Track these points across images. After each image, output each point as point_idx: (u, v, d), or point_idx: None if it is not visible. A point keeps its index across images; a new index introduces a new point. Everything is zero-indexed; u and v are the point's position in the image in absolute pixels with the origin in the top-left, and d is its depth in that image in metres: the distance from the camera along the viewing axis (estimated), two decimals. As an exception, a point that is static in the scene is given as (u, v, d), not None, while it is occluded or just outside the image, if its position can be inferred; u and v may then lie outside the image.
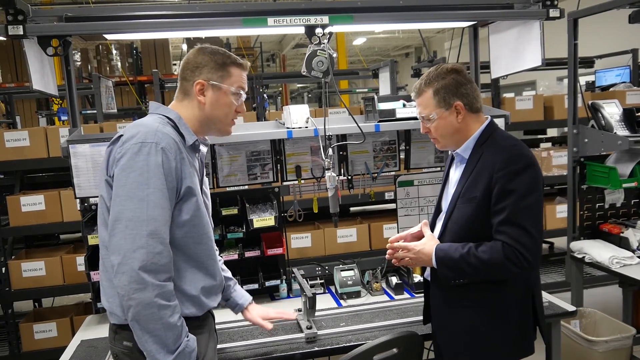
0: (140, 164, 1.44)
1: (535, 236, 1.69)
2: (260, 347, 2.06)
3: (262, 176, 2.76)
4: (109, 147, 1.53)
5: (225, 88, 1.63)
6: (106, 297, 1.56)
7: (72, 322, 3.60)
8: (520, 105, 4.33)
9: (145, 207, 1.43)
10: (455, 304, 1.84)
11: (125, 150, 1.46)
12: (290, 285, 2.67)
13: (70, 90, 2.49)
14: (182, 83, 1.64)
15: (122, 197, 1.44)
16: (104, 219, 1.53)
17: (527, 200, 1.68)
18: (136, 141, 1.46)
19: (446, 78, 1.79)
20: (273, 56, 15.55)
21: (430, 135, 1.88)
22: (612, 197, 3.19)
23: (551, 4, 2.51)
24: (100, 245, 1.58)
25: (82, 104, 6.61)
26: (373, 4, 2.41)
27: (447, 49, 4.89)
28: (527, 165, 1.71)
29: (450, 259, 1.75)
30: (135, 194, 1.43)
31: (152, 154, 1.45)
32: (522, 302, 1.82)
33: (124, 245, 1.41)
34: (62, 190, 3.58)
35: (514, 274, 1.70)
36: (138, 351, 1.47)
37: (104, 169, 1.53)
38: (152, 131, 1.48)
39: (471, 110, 1.81)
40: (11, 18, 2.10)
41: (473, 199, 1.75)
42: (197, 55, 1.62)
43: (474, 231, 1.75)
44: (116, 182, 1.46)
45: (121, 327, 1.52)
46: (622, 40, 6.08)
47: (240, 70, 1.67)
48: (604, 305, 3.43)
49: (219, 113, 1.64)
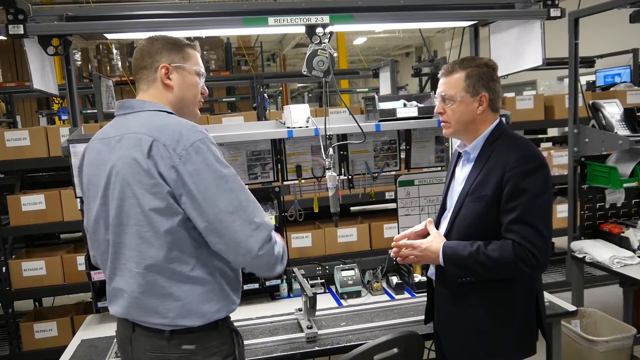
0: (207, 162, 1.44)
1: (547, 236, 1.70)
2: (261, 347, 2.06)
3: (263, 176, 2.76)
4: (148, 159, 1.43)
5: (188, 68, 1.62)
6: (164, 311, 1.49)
7: (73, 321, 3.60)
8: (521, 105, 4.32)
9: (236, 196, 1.46)
10: (461, 302, 1.83)
11: (182, 156, 1.42)
12: (291, 284, 2.67)
13: (71, 90, 2.49)
14: (143, 73, 1.60)
15: (214, 199, 1.43)
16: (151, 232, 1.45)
17: (539, 200, 1.69)
18: (188, 142, 1.43)
19: (481, 68, 1.80)
20: (273, 56, 15.53)
21: (443, 117, 1.87)
22: (612, 197, 3.19)
23: (552, 3, 2.51)
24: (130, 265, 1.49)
25: (83, 104, 6.62)
26: (374, 4, 2.41)
27: (448, 48, 4.90)
28: (539, 165, 1.71)
29: (459, 256, 1.74)
30: (222, 188, 1.44)
31: (209, 148, 1.46)
32: (526, 302, 1.82)
33: (241, 235, 1.45)
34: (62, 190, 3.57)
35: (523, 273, 1.70)
36: (202, 350, 1.51)
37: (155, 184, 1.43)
38: (189, 127, 1.46)
39: (492, 108, 1.82)
40: (12, 17, 2.10)
41: (483, 197, 1.74)
42: (152, 44, 1.60)
43: (482, 229, 1.75)
44: (196, 189, 1.42)
45: (178, 332, 1.50)
46: (623, 40, 6.07)
47: (195, 50, 1.66)
48: (604, 305, 3.42)
49: (188, 94, 1.63)
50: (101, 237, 1.57)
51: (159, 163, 1.43)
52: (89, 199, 1.59)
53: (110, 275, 1.56)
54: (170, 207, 1.44)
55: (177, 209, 1.45)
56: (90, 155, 1.60)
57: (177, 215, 1.45)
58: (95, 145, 1.59)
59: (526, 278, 1.79)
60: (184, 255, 1.47)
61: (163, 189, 1.43)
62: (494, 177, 1.73)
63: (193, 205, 1.43)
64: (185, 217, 1.46)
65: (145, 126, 1.48)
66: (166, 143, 1.43)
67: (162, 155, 1.42)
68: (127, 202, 1.47)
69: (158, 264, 1.46)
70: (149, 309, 1.50)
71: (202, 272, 1.50)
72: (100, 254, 1.59)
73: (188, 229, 1.47)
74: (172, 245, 1.46)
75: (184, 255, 1.47)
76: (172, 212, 1.44)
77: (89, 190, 1.58)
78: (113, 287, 1.56)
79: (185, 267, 1.48)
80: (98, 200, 1.54)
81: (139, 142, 1.46)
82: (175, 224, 1.45)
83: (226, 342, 1.59)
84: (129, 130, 1.50)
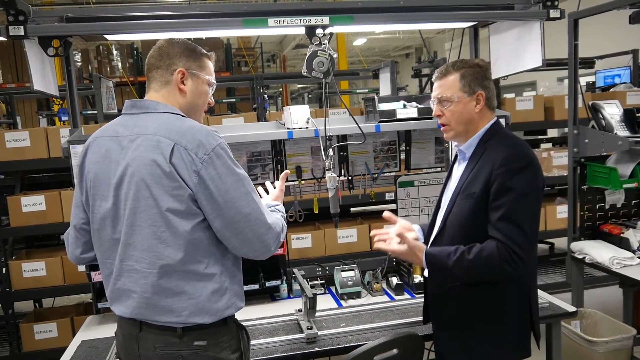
0: (227, 166, 1.50)
1: (530, 235, 1.70)
2: (261, 348, 2.06)
3: (263, 176, 2.77)
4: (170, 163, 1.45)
5: (202, 77, 1.65)
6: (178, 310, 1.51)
7: (73, 322, 3.60)
8: (521, 105, 4.32)
9: (252, 198, 1.54)
10: (452, 303, 1.84)
11: (204, 160, 1.46)
12: (291, 285, 2.67)
13: (71, 91, 2.49)
14: (158, 72, 1.61)
15: (233, 201, 1.49)
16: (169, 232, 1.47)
17: (525, 199, 1.69)
18: (209, 147, 1.48)
19: (474, 68, 1.83)
20: (273, 57, 15.55)
21: (442, 120, 1.88)
22: (612, 198, 3.19)
23: (552, 4, 2.51)
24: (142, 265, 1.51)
25: (83, 105, 6.63)
26: (373, 5, 2.41)
27: (448, 49, 4.90)
28: (527, 164, 1.71)
29: (442, 264, 1.74)
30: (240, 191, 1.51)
31: (226, 152, 1.52)
32: (518, 302, 1.81)
33: (257, 233, 1.54)
34: (62, 191, 3.57)
35: (507, 274, 1.70)
36: (213, 345, 1.54)
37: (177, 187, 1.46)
38: (208, 133, 1.51)
39: (488, 106, 1.84)
40: (12, 19, 2.10)
41: (472, 195, 1.75)
42: (171, 46, 1.62)
43: (472, 227, 1.76)
44: (217, 192, 1.48)
45: (189, 329, 1.52)
46: (623, 41, 6.08)
47: (210, 62, 1.71)
48: (604, 305, 3.42)
49: (199, 102, 1.66)
50: (107, 236, 1.56)
51: (180, 166, 1.46)
52: (95, 196, 1.57)
53: (116, 276, 1.55)
54: (190, 209, 1.48)
55: (196, 211, 1.49)
56: (97, 151, 1.58)
57: (196, 217, 1.49)
58: (103, 142, 1.57)
59: (515, 278, 1.77)
60: (199, 254, 1.51)
61: (185, 192, 1.46)
62: (482, 175, 1.74)
63: (213, 206, 1.49)
64: (203, 218, 1.50)
65: (163, 128, 1.50)
66: (187, 147, 1.46)
67: (184, 159, 1.46)
68: (143, 203, 1.48)
69: (174, 264, 1.49)
70: (162, 308, 1.51)
71: (215, 269, 1.54)
72: (102, 252, 1.59)
73: (204, 230, 1.52)
74: (190, 246, 1.49)
75: (199, 255, 1.51)
76: (191, 214, 1.49)
77: (95, 187, 1.57)
78: (118, 287, 1.56)
79: (200, 266, 1.52)
80: (109, 199, 1.53)
81: (158, 144, 1.47)
82: (194, 225, 1.49)
83: (234, 337, 1.62)
84: (145, 131, 1.51)
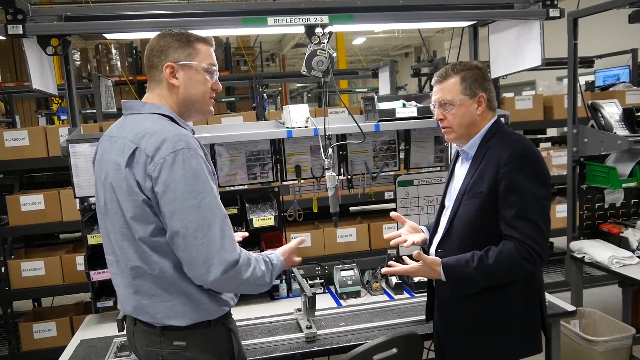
0: (182, 173, 1.39)
1: (544, 230, 1.71)
2: (260, 347, 2.05)
3: (262, 176, 2.76)
4: (126, 168, 1.43)
5: (195, 65, 1.55)
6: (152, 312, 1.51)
7: (72, 321, 3.60)
8: (520, 105, 4.33)
9: (203, 214, 1.40)
10: (462, 303, 1.83)
11: (158, 164, 1.39)
12: (290, 285, 2.67)
13: (70, 90, 2.49)
14: (151, 72, 1.57)
15: (178, 212, 1.39)
16: (130, 236, 1.47)
17: (536, 194, 1.69)
18: (166, 152, 1.39)
19: (474, 70, 1.83)
20: (273, 56, 15.55)
21: (444, 123, 1.87)
22: (611, 197, 3.19)
23: (551, 3, 2.51)
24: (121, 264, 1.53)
25: (82, 104, 6.60)
26: (373, 4, 2.41)
27: (447, 48, 4.89)
28: (533, 159, 1.72)
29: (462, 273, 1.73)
30: (189, 204, 1.39)
31: (188, 160, 1.40)
32: (528, 300, 1.82)
33: (200, 256, 1.40)
34: (61, 190, 3.57)
35: (528, 272, 1.71)
36: (193, 347, 1.52)
37: (131, 192, 1.43)
38: (173, 136, 1.42)
39: (489, 107, 1.85)
40: (11, 17, 2.10)
41: (479, 194, 1.75)
42: (160, 40, 1.56)
43: (480, 227, 1.76)
44: (164, 200, 1.40)
45: (169, 328, 1.51)
46: (622, 40, 6.07)
47: (207, 45, 1.60)
48: (603, 305, 3.43)
49: (195, 92, 1.57)
50: (103, 232, 1.61)
51: (137, 170, 1.43)
52: (96, 192, 1.62)
53: (114, 271, 1.61)
54: (146, 215, 1.44)
55: (151, 218, 1.44)
56: (98, 150, 1.62)
57: (151, 223, 1.44)
58: (103, 141, 1.62)
59: (529, 274, 1.78)
60: (163, 261, 1.47)
61: (139, 197, 1.43)
62: (488, 174, 1.74)
63: (161, 214, 1.43)
64: (160, 225, 1.45)
65: (132, 132, 1.48)
66: (147, 150, 1.42)
67: (142, 163, 1.42)
68: (112, 206, 1.50)
69: (142, 267, 1.48)
70: (142, 307, 1.53)
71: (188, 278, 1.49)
72: (104, 247, 1.63)
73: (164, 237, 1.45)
74: (147, 252, 1.46)
75: (163, 261, 1.47)
76: (147, 220, 1.44)
77: (95, 184, 1.62)
78: (116, 282, 1.61)
79: (168, 272, 1.48)
80: (101, 197, 1.58)
81: (123, 147, 1.47)
82: (152, 231, 1.44)
83: (220, 340, 1.58)
84: (122, 134, 1.51)
